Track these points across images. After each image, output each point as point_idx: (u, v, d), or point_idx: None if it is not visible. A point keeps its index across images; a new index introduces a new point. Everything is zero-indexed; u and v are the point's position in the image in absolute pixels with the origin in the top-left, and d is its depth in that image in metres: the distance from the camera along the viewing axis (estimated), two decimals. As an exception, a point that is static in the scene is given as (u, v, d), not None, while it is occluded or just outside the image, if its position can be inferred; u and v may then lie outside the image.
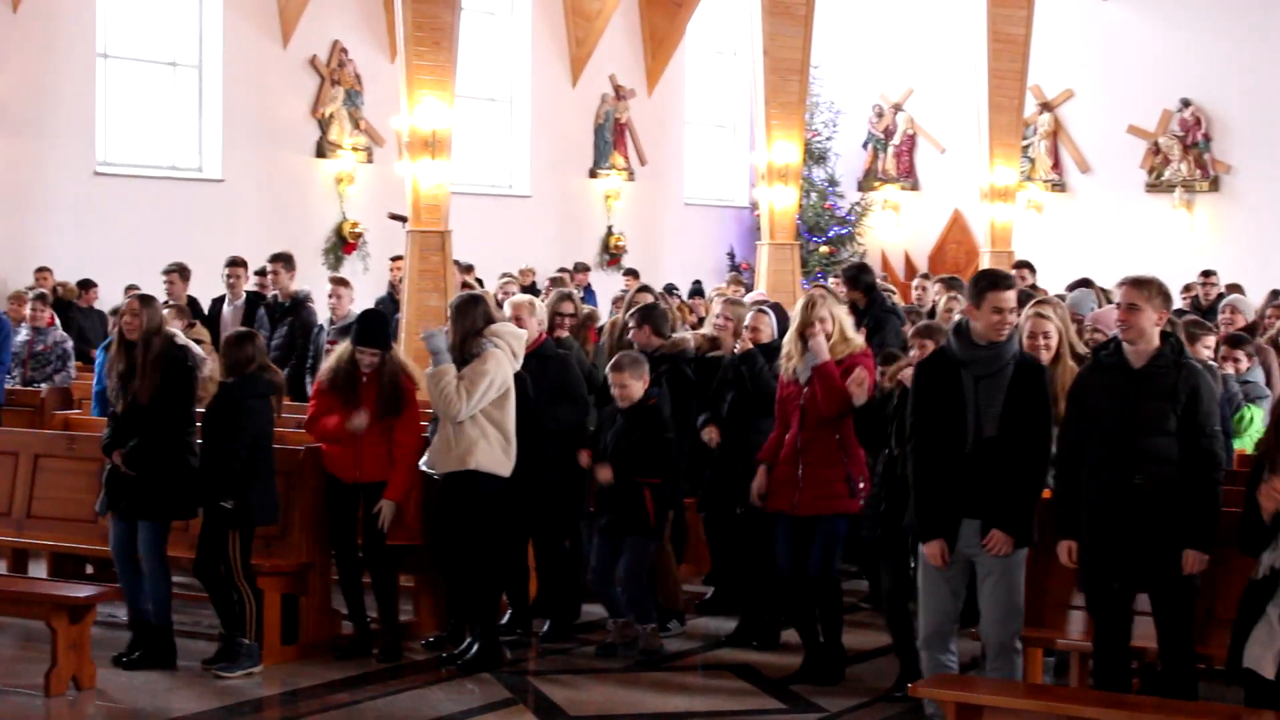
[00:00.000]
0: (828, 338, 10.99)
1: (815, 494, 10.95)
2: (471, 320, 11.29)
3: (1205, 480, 8.72)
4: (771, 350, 11.89)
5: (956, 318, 11.21)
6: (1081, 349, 10.86)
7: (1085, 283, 16.06)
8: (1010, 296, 9.09)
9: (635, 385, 11.72)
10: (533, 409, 11.71)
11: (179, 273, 16.98)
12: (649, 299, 14.28)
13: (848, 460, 11.00)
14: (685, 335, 13.33)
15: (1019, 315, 9.25)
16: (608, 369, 12.02)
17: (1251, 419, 12.16)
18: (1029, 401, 9.03)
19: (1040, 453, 9.12)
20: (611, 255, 30.38)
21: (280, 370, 15.90)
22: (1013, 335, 9.16)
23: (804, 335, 11.03)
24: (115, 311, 11.51)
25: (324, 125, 26.15)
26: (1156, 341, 8.82)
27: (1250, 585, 8.36)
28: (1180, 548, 8.68)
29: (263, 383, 11.27)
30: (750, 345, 12.12)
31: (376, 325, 11.90)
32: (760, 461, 11.33)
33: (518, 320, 12.17)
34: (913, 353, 10.26)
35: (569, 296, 13.71)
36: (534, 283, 23.47)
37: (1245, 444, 11.92)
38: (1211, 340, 12.48)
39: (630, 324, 13.01)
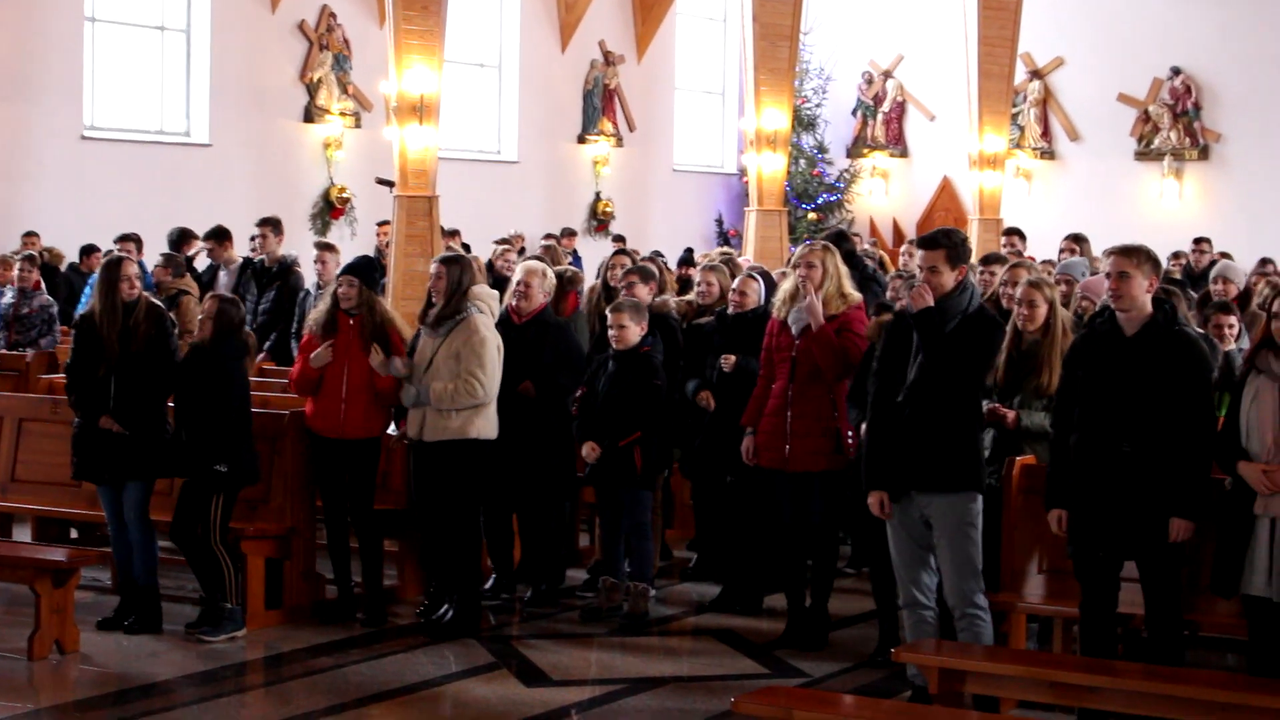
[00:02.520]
0: (815, 284, 10.99)
1: (805, 449, 10.94)
2: (459, 280, 11.31)
3: (1193, 448, 8.72)
4: (758, 316, 11.88)
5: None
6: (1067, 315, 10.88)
7: (1079, 238, 15.95)
8: (920, 255, 9.25)
9: (633, 329, 11.71)
10: (513, 374, 11.73)
11: (136, 244, 17.20)
12: (627, 263, 14.22)
13: (837, 416, 10.98)
14: (667, 298, 13.29)
15: (945, 275, 9.19)
16: (608, 310, 12.02)
17: None
18: (961, 350, 9.05)
19: (965, 398, 9.13)
20: (599, 221, 30.33)
21: (264, 335, 16.04)
22: (966, 292, 9.15)
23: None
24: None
25: (312, 90, 26.07)
26: (1149, 309, 8.80)
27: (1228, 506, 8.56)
28: (1168, 516, 8.69)
29: (240, 344, 11.24)
30: (740, 309, 12.11)
31: (362, 260, 12.02)
32: (745, 425, 11.34)
33: (527, 286, 12.19)
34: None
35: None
36: (523, 248, 23.39)
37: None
38: (1233, 320, 12.45)
39: (633, 280, 12.93)
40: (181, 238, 17.60)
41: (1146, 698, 8.17)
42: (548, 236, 23.34)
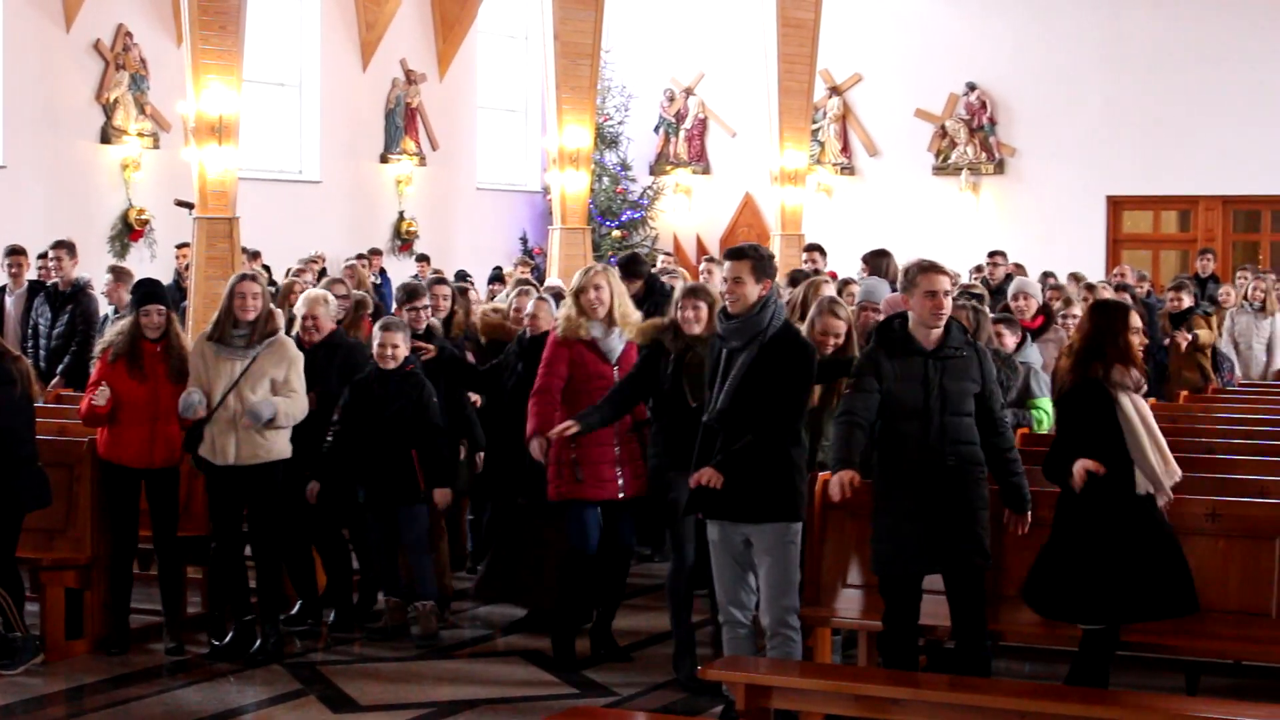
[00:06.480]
0: (606, 305, 11.04)
1: (635, 473, 10.97)
2: (267, 300, 11.24)
3: (1011, 450, 9.10)
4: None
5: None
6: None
7: (882, 253, 16.11)
8: (725, 266, 9.28)
9: (404, 348, 11.83)
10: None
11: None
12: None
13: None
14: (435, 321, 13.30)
15: (749, 287, 9.28)
16: (378, 328, 12.01)
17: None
18: (771, 375, 9.11)
19: (776, 422, 9.12)
20: (403, 241, 30.17)
21: (57, 359, 15.79)
22: (768, 309, 9.21)
23: (579, 301, 11.07)
24: None
25: (109, 111, 25.65)
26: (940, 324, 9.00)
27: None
28: (979, 526, 8.87)
29: None
30: (535, 332, 12.14)
31: (156, 285, 11.78)
32: (537, 433, 11.04)
33: (315, 319, 12.15)
34: (685, 314, 10.24)
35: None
36: (324, 269, 23.24)
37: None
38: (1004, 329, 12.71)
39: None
40: None
41: (950, 708, 8.27)
42: (358, 256, 23.15)
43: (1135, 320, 8.98)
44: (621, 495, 10.99)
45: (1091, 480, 8.70)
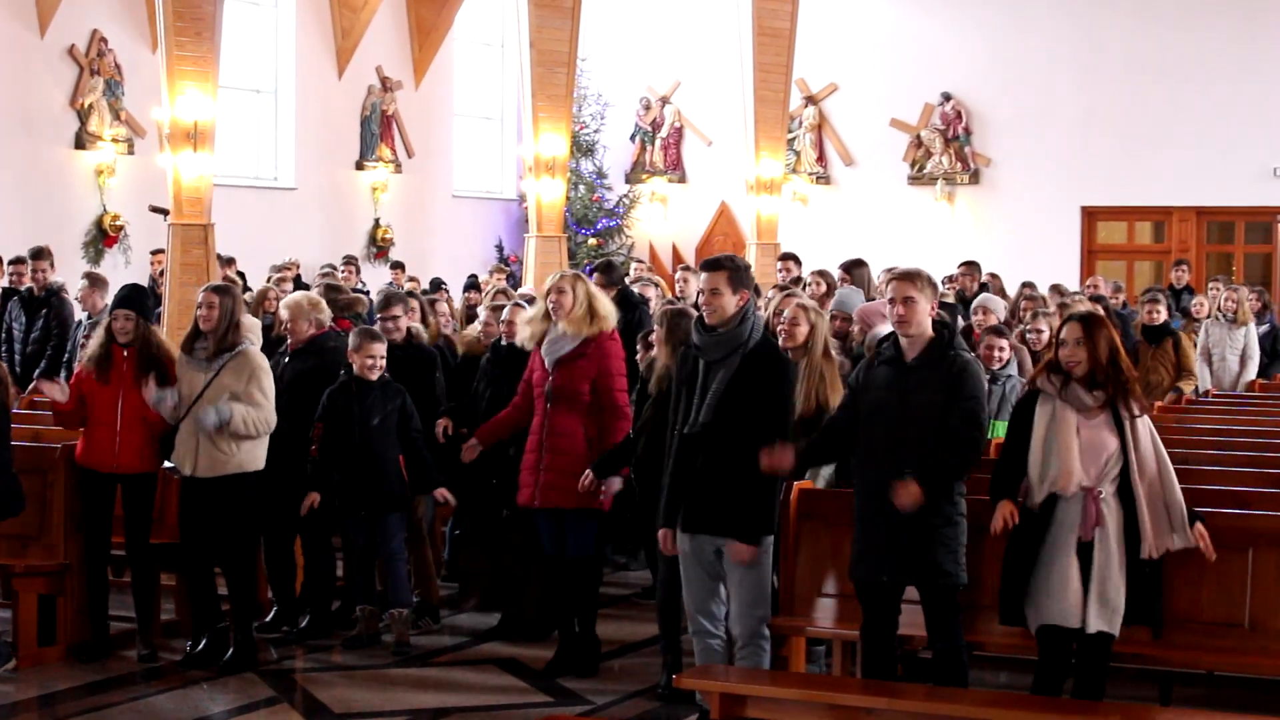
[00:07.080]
0: (566, 311, 11.06)
1: (550, 483, 10.99)
2: (231, 311, 11.19)
3: (951, 453, 8.73)
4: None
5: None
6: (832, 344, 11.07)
7: (859, 263, 16.09)
8: (702, 277, 9.32)
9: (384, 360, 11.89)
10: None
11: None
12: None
13: (592, 453, 11.02)
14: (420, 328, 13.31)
15: (726, 298, 9.27)
16: (360, 338, 12.01)
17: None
18: (753, 388, 9.09)
19: (760, 442, 8.99)
20: (379, 248, 30.12)
21: (33, 364, 15.76)
22: (747, 322, 9.20)
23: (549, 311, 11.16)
24: None
25: (83, 116, 25.55)
26: (930, 333, 8.91)
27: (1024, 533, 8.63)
28: (943, 545, 8.80)
29: None
30: (511, 339, 12.17)
31: (134, 291, 11.74)
32: (477, 438, 11.58)
33: (295, 322, 12.15)
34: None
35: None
36: (299, 276, 23.18)
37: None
38: (1003, 344, 12.74)
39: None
40: None
41: (926, 718, 8.28)
42: (345, 265, 23.07)
43: (1072, 331, 8.84)
44: (536, 503, 11.09)
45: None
